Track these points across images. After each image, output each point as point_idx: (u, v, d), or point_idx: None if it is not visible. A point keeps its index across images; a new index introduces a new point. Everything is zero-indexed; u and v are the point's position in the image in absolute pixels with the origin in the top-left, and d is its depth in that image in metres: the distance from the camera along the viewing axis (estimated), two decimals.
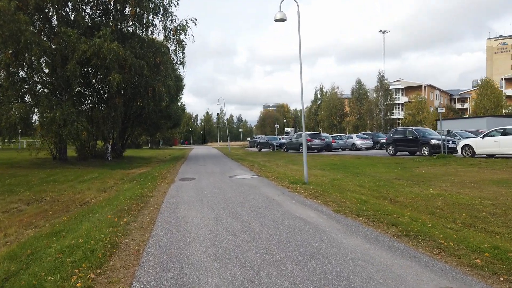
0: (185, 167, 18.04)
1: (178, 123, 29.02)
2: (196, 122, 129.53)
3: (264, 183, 11.41)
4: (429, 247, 4.40)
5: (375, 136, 35.41)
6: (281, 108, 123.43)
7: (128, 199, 8.19)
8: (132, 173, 17.23)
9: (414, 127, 24.06)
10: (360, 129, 66.03)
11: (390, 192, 9.83)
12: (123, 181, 13.55)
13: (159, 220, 5.98)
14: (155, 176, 13.77)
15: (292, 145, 32.58)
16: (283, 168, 18.10)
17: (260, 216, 6.21)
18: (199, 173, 14.70)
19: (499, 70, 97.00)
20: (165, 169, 16.96)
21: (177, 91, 24.88)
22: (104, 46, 17.65)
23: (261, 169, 16.36)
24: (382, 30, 63.97)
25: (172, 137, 70.86)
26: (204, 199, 8.17)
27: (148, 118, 25.12)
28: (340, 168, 16.98)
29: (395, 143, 22.82)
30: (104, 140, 22.88)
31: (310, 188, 9.68)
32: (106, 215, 6.55)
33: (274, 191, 9.41)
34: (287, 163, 21.23)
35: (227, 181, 11.86)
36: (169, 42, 22.31)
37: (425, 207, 7.85)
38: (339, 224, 5.67)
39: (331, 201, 7.65)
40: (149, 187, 10.26)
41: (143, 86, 21.12)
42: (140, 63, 19.73)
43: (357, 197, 8.35)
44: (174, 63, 23.08)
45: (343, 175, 14.22)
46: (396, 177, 12.77)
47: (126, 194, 9.36)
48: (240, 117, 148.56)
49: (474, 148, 17.70)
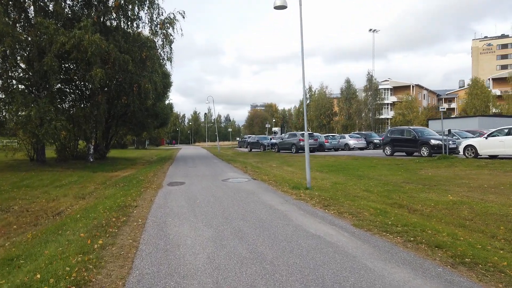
0: (174, 169, 16.78)
1: (165, 122, 27.52)
2: (184, 122, 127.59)
3: (262, 188, 10.29)
4: (503, 284, 3.34)
5: (368, 136, 34.67)
6: (269, 107, 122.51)
7: (107, 210, 6.96)
8: (116, 176, 15.89)
9: (412, 126, 23.23)
10: (349, 129, 65.56)
11: (403, 199, 8.83)
12: (104, 186, 12.24)
13: (143, 241, 4.79)
14: (140, 180, 12.50)
15: (284, 145, 31.55)
16: (278, 170, 17.02)
17: (268, 234, 5.09)
18: (189, 176, 13.49)
19: (485, 70, 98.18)
20: (151, 172, 15.68)
21: (164, 89, 23.49)
22: (85, 39, 16.26)
23: (255, 172, 15.25)
24: (372, 29, 63.51)
25: (158, 137, 69.07)
26: (197, 210, 6.99)
27: (133, 117, 23.68)
28: (338, 170, 15.98)
29: (392, 143, 21.98)
30: (86, 140, 21.42)
31: (316, 195, 8.60)
32: (78, 233, 5.33)
33: (276, 199, 8.30)
34: (282, 165, 20.17)
35: (221, 186, 10.70)
36: (156, 36, 20.98)
37: (451, 217, 6.85)
38: (368, 245, 4.58)
39: (346, 212, 6.57)
40: (133, 194, 9.02)
41: (128, 82, 19.74)
42: (124, 58, 18.39)
43: (372, 206, 7.30)
44: (161, 59, 21.75)
45: (345, 178, 13.21)
46: (404, 180, 11.80)
47: (106, 203, 8.11)
48: (228, 117, 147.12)
49: (477, 149, 16.93)
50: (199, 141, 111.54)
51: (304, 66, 10.24)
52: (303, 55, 10.17)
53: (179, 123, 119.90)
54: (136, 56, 19.55)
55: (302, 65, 10.18)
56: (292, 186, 10.26)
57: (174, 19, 20.84)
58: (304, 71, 10.28)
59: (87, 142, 21.38)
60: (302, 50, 10.16)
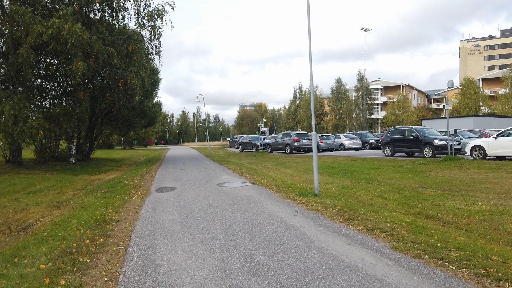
0: (163, 172, 15.43)
1: (154, 121, 25.93)
2: (172, 122, 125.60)
3: (264, 194, 9.06)
4: None
5: (362, 136, 33.75)
6: (259, 107, 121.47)
7: (82, 227, 5.64)
8: (98, 180, 14.49)
9: (414, 126, 22.29)
10: (340, 129, 64.89)
11: (427, 207, 7.72)
12: (84, 192, 10.86)
13: (123, 280, 3.49)
14: (125, 185, 11.13)
15: (277, 146, 30.39)
16: (276, 173, 15.84)
17: (290, 265, 3.86)
18: (180, 181, 12.17)
19: (473, 71, 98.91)
20: (138, 175, 14.30)
21: (153, 86, 22.00)
22: (65, 28, 14.79)
23: (251, 174, 14.02)
24: (364, 28, 62.88)
25: (146, 137, 67.18)
26: (193, 226, 5.72)
27: (119, 115, 22.15)
28: (341, 172, 14.86)
29: (393, 144, 20.99)
30: (67, 140, 19.88)
31: (329, 204, 7.40)
32: (38, 262, 4.03)
33: (284, 209, 7.08)
34: (277, 166, 18.99)
35: (217, 192, 9.42)
36: (143, 28, 19.55)
37: (496, 233, 5.75)
38: (430, 283, 3.39)
39: (376, 229, 5.38)
40: (115, 204, 7.68)
41: (112, 78, 18.29)
42: (109, 51, 16.96)
43: (401, 219, 6.15)
44: (149, 53, 20.32)
45: (351, 182, 12.08)
46: (418, 184, 10.72)
47: (82, 215, 6.79)
48: (217, 117, 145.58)
49: (485, 150, 16.00)
50: (188, 141, 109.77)
51: (311, 60, 9.06)
52: (310, 50, 8.98)
53: (167, 122, 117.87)
54: (121, 49, 18.11)
55: (309, 60, 9.00)
56: (298, 193, 9.06)
57: (163, 10, 19.45)
58: (311, 65, 9.09)
59: (68, 142, 19.84)
60: (309, 43, 8.97)
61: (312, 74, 9.14)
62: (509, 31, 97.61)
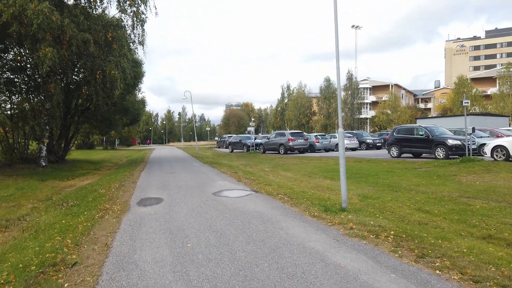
0: (147, 177, 13.24)
1: (137, 119, 23.45)
2: (157, 121, 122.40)
3: (278, 209, 7.05)
4: None
5: (359, 136, 32.06)
6: (245, 107, 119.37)
7: (17, 277, 3.55)
8: (70, 186, 12.22)
9: (423, 124, 20.63)
10: (329, 128, 63.48)
11: (497, 227, 5.88)
12: (47, 205, 8.63)
13: None
14: (99, 196, 8.94)
15: (270, 146, 28.43)
16: (276, 177, 13.88)
17: None
18: (168, 188, 10.05)
19: (458, 71, 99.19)
20: (117, 181, 12.07)
21: (136, 79, 19.59)
22: (29, 7, 12.48)
23: (251, 179, 12.00)
24: (355, 26, 61.47)
25: (129, 136, 64.21)
26: (193, 274, 3.66)
27: (98, 112, 19.74)
28: (352, 176, 12.98)
29: (399, 144, 19.26)
30: (35, 139, 17.44)
31: (373, 225, 5.45)
32: None
33: (316, 235, 5.08)
34: (275, 169, 17.02)
35: (216, 206, 7.37)
36: (125, 14, 17.28)
37: None
38: None
39: (484, 278, 3.45)
40: (79, 227, 5.54)
41: (89, 68, 15.95)
42: (84, 37, 14.67)
43: (496, 255, 4.25)
44: (131, 42, 18.04)
45: (372, 189, 10.20)
46: (459, 193, 8.89)
47: (26, 249, 4.65)
48: (202, 117, 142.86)
49: (509, 150, 14.39)
50: (173, 141, 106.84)
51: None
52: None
53: (151, 122, 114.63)
54: (99, 36, 15.78)
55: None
56: (319, 206, 7.10)
57: None
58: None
59: (38, 142, 17.39)
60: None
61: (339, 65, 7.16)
62: (493, 32, 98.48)
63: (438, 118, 43.50)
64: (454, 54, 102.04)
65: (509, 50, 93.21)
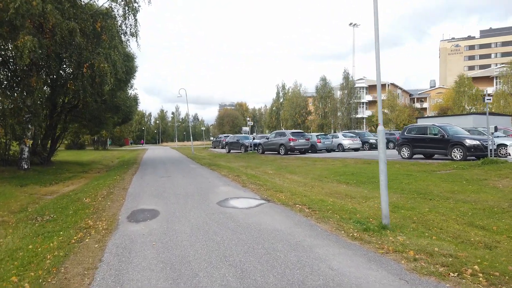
0: (139, 182, 11.77)
1: (129, 117, 21.73)
2: (150, 121, 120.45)
3: (304, 226, 5.66)
4: None
5: (361, 136, 30.78)
6: (239, 106, 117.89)
7: None
8: (51, 193, 10.72)
9: (437, 122, 19.35)
10: (325, 128, 62.38)
11: None
12: (18, 219, 7.12)
13: None
14: (82, 207, 7.48)
15: (270, 146, 27.03)
16: (283, 181, 12.53)
17: None
18: (164, 197, 8.61)
19: (452, 70, 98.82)
20: (105, 186, 10.60)
21: (127, 75, 18.01)
22: None
23: (257, 184, 10.62)
24: (352, 23, 60.20)
25: (122, 136, 62.28)
26: None
27: (86, 110, 18.15)
28: (369, 181, 11.72)
29: (411, 144, 17.98)
30: (15, 139, 15.87)
31: (441, 254, 4.11)
32: None
33: (373, 272, 3.71)
34: (280, 171, 15.66)
35: (225, 222, 5.96)
36: (115, 2, 15.77)
37: None
38: None
39: None
40: (47, 261, 4.11)
41: (75, 61, 14.44)
42: (69, 26, 13.15)
43: None
44: (122, 33, 16.53)
45: (399, 197, 8.89)
46: (508, 203, 7.60)
47: None
48: (196, 116, 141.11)
49: None
50: (167, 141, 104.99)
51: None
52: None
53: (144, 122, 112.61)
54: (87, 26, 14.26)
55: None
56: (355, 222, 5.75)
57: None
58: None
59: (19, 142, 15.82)
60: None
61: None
62: (488, 32, 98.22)
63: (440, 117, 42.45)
64: (449, 54, 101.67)
65: (504, 50, 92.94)
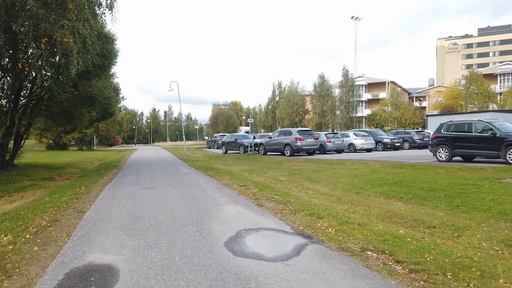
0: (108, 199, 8.36)
1: (108, 111, 18.16)
2: (142, 120, 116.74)
3: None
4: None
5: (374, 134, 27.63)
6: (234, 106, 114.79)
7: None
8: None
9: (478, 118, 16.18)
10: (324, 127, 59.41)
11: None
12: None
13: None
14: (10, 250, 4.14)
15: (273, 146, 23.80)
16: (306, 193, 9.27)
17: None
18: (138, 232, 5.24)
19: (450, 69, 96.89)
20: (56, 206, 7.17)
21: (105, 59, 14.36)
22: None
23: (276, 201, 7.34)
24: (354, 17, 57.25)
25: (109, 136, 58.43)
26: None
27: (52, 101, 14.56)
28: (429, 196, 8.48)
29: (451, 144, 14.86)
30: None
31: None
32: None
33: None
34: (294, 178, 12.33)
35: None
36: None
37: None
38: None
39: None
40: None
41: (31, 34, 11.02)
42: None
43: None
44: (96, 4, 13.11)
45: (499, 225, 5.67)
46: None
47: None
48: (189, 116, 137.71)
49: None
50: (159, 140, 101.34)
51: None
52: None
53: (136, 121, 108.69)
54: None
55: None
56: None
57: None
58: None
59: None
60: None
61: None
62: (486, 30, 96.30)
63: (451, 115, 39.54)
64: (447, 52, 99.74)
65: (502, 48, 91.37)
